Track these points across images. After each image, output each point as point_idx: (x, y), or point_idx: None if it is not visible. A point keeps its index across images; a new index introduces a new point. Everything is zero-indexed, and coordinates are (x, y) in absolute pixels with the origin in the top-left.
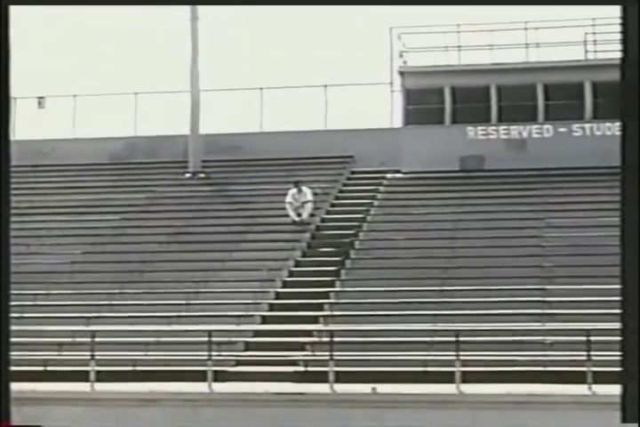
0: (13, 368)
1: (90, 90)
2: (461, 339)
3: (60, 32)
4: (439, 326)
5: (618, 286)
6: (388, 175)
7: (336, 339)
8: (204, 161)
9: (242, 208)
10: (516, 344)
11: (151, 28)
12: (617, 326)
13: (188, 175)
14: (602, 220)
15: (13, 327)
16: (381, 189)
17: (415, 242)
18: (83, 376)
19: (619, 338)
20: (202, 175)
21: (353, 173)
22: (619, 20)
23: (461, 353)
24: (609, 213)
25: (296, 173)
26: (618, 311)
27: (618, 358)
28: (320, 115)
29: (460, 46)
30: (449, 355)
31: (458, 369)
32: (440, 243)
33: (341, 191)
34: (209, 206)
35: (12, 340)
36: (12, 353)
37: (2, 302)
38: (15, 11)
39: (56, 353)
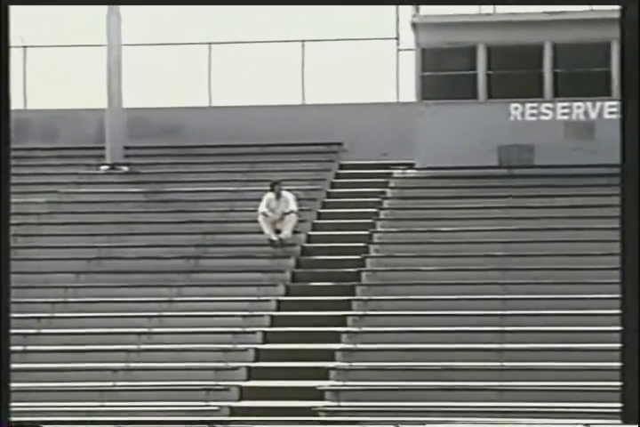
0: None
1: None
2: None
3: None
4: (506, 406)
5: None
6: (396, 172)
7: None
8: (128, 148)
9: (189, 220)
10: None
11: None
12: None
13: (104, 168)
14: None
15: None
16: (388, 192)
17: (451, 274)
18: None
19: None
20: (125, 169)
21: (342, 167)
22: None
23: None
24: None
25: (262, 166)
26: None
27: None
28: (296, 83)
29: None
30: None
31: None
32: (488, 276)
33: (329, 195)
34: (139, 217)
35: None
36: None
37: (2, 305)
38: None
39: None
